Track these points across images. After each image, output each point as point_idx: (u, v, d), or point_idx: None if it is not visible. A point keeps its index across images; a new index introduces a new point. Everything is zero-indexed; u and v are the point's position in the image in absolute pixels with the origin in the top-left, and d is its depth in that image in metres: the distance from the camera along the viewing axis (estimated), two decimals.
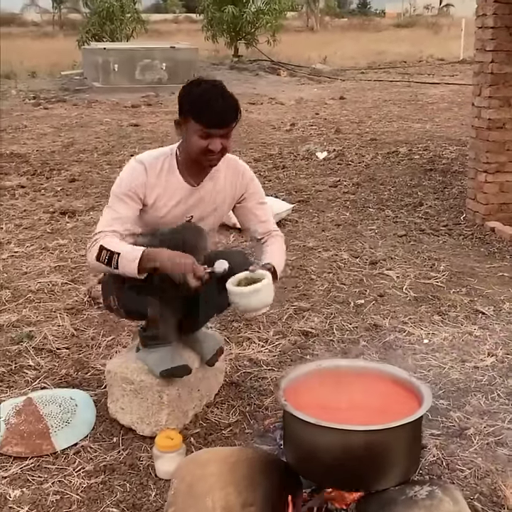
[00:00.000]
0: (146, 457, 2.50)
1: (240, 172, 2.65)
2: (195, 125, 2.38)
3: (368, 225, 5.22)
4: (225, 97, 2.39)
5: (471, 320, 3.59)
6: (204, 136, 2.38)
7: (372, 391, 2.12)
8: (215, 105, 2.35)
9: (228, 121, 2.40)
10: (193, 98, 2.38)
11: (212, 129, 2.37)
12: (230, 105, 2.40)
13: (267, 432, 2.62)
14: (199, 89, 2.39)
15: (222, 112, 2.37)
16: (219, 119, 2.37)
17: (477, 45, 4.98)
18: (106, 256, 2.37)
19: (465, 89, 13.99)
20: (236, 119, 2.43)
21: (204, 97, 2.37)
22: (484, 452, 2.50)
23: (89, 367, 3.14)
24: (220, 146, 2.41)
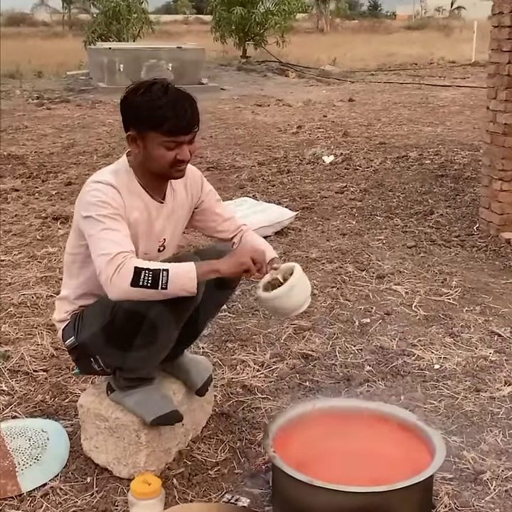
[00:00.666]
0: (122, 501, 2.22)
1: (194, 175, 2.40)
2: (157, 137, 2.10)
3: (376, 234, 4.93)
4: (182, 98, 2.11)
5: (486, 342, 3.30)
6: (171, 147, 2.12)
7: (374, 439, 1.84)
8: (176, 109, 2.07)
9: (194, 124, 2.14)
10: (147, 107, 2.08)
11: (178, 136, 2.11)
12: (192, 105, 2.13)
13: (259, 473, 2.34)
14: (151, 96, 2.08)
15: (185, 115, 2.10)
16: (184, 124, 2.11)
17: (493, 45, 4.69)
18: (148, 277, 1.98)
19: (477, 92, 13.69)
20: (199, 119, 2.17)
21: (160, 104, 2.07)
22: (503, 502, 2.21)
23: (67, 392, 2.87)
24: (189, 154, 2.17)
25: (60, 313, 2.36)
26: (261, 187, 6.30)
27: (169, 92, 2.09)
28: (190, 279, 2.02)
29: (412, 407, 2.72)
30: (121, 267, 2.00)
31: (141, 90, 2.11)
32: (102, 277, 2.04)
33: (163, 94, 2.08)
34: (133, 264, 2.00)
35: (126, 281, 1.99)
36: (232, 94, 14.00)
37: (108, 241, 2.06)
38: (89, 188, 2.16)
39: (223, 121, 10.52)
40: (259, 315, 3.58)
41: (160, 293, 2.01)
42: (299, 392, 2.86)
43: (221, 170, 7.06)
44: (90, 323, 2.25)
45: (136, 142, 2.15)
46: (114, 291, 2.03)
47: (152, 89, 2.09)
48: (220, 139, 8.99)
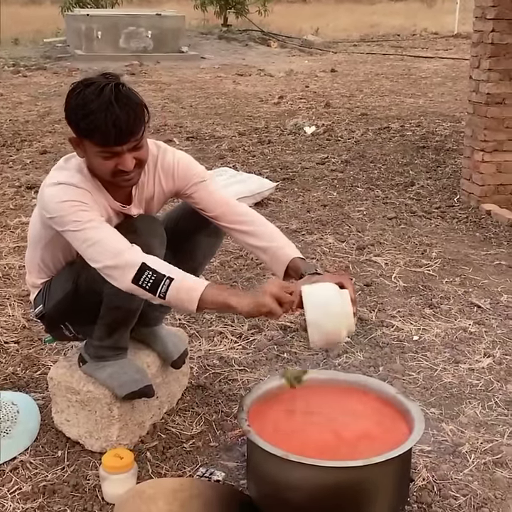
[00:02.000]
0: (94, 476, 2.17)
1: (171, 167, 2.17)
2: (91, 146, 1.90)
3: (356, 205, 4.87)
4: (119, 102, 1.85)
5: (466, 314, 3.27)
6: (108, 157, 1.91)
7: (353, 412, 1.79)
8: (107, 116, 1.83)
9: (132, 132, 1.89)
10: (78, 113, 1.87)
11: (112, 147, 1.89)
12: (130, 110, 1.86)
13: (235, 446, 2.30)
14: (83, 99, 1.86)
15: (118, 124, 1.84)
16: (116, 134, 1.86)
17: (476, 13, 4.60)
18: (150, 279, 1.85)
19: (459, 64, 13.60)
20: (143, 123, 1.92)
21: (91, 109, 1.84)
22: (481, 474, 2.18)
23: (39, 364, 2.80)
24: (133, 163, 1.94)
25: (30, 279, 2.29)
26: (241, 157, 6.19)
27: (103, 94, 1.85)
28: (191, 299, 1.85)
29: (391, 378, 2.69)
30: (129, 256, 1.89)
31: (76, 91, 1.89)
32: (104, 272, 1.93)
33: (95, 98, 1.85)
34: (141, 259, 1.88)
35: (129, 274, 1.87)
36: (212, 63, 13.77)
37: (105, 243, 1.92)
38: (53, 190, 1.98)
39: (204, 90, 10.34)
40: (237, 286, 3.52)
41: (157, 299, 1.89)
42: (277, 364, 2.81)
43: (201, 140, 6.93)
44: (56, 291, 2.19)
45: (78, 146, 1.97)
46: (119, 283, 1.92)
47: (86, 92, 1.87)
48: (201, 108, 8.83)
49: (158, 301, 1.90)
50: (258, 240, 2.22)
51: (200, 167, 2.27)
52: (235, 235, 2.25)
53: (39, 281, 2.26)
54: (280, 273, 2.20)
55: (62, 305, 2.18)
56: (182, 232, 2.29)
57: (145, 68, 12.83)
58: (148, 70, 12.57)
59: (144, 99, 1.98)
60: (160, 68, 12.95)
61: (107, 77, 1.94)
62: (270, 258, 2.21)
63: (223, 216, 2.22)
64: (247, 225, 2.23)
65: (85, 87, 1.89)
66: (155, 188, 2.19)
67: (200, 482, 1.88)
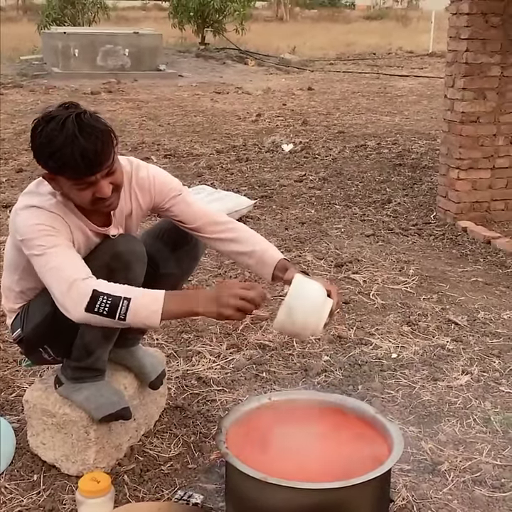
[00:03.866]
0: (70, 500, 2.13)
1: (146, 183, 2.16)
2: (65, 181, 1.89)
3: (334, 223, 4.89)
4: (83, 133, 1.81)
5: (443, 331, 3.29)
6: (84, 188, 1.89)
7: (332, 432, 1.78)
8: (75, 149, 1.80)
9: (102, 161, 1.86)
10: (45, 151, 1.84)
11: (84, 178, 1.87)
12: (95, 139, 1.83)
13: (214, 468, 2.27)
14: (46, 137, 1.83)
15: (88, 155, 1.81)
16: (89, 165, 1.83)
17: (451, 33, 4.67)
18: (106, 303, 1.82)
19: (434, 82, 13.79)
20: (111, 149, 1.88)
21: (56, 146, 1.81)
22: (460, 493, 2.18)
23: (14, 386, 2.76)
24: (110, 188, 1.92)
25: (7, 304, 2.25)
26: (219, 175, 6.20)
27: (66, 128, 1.81)
28: (154, 313, 1.82)
29: (370, 397, 2.69)
30: (78, 288, 1.85)
31: (38, 129, 1.85)
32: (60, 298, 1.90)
33: (59, 133, 1.81)
34: (91, 287, 1.84)
35: (81, 305, 1.84)
36: (190, 81, 13.82)
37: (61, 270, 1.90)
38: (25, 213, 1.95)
39: (182, 108, 10.36)
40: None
41: (118, 323, 1.85)
42: (256, 384, 2.80)
43: (179, 157, 6.93)
44: (34, 314, 2.15)
45: (54, 182, 1.94)
46: (69, 313, 1.89)
47: (48, 128, 1.83)
48: (178, 126, 8.84)
49: (118, 324, 1.87)
50: (242, 246, 2.22)
51: (176, 180, 2.27)
52: (218, 245, 2.26)
53: (16, 306, 2.22)
54: (268, 276, 2.21)
55: (41, 328, 2.14)
56: (162, 249, 2.27)
57: (122, 86, 12.83)
58: (125, 88, 12.58)
59: (109, 123, 1.95)
60: (137, 86, 12.97)
61: (67, 107, 1.90)
62: (256, 262, 2.22)
63: (204, 227, 2.22)
64: (229, 232, 2.23)
65: (47, 123, 1.84)
66: (132, 204, 2.18)
67: (178, 506, 1.86)
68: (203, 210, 2.26)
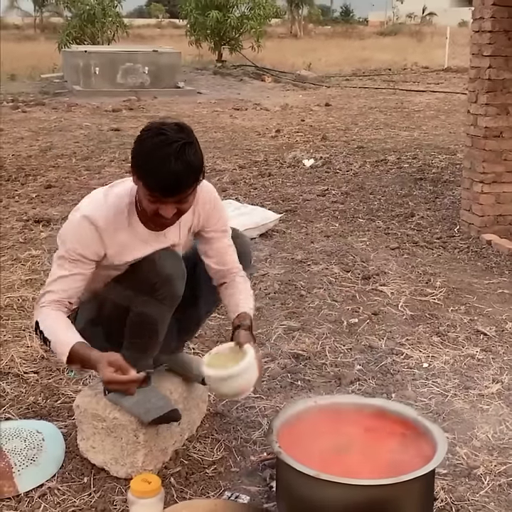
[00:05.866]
0: (121, 501, 2.22)
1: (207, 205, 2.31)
2: (142, 187, 2.04)
3: (359, 236, 4.98)
4: (179, 158, 1.95)
5: (473, 341, 3.36)
6: (152, 201, 2.04)
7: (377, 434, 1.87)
8: (163, 170, 1.94)
9: (180, 189, 2.00)
10: (142, 155, 2.00)
11: (159, 196, 2.01)
12: (185, 169, 1.96)
13: (256, 471, 2.36)
14: (150, 145, 1.97)
15: (171, 179, 1.96)
16: (167, 187, 1.98)
17: (473, 50, 4.77)
18: (40, 336, 2.16)
19: (451, 97, 13.90)
20: (193, 183, 2.02)
21: (152, 157, 1.96)
22: (497, 495, 2.25)
23: (59, 394, 2.86)
24: (173, 212, 2.06)
25: None
26: (243, 190, 6.32)
27: (169, 148, 1.95)
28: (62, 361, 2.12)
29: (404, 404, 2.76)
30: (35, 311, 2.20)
31: (150, 133, 2.00)
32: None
33: (163, 146, 1.95)
34: (36, 318, 2.16)
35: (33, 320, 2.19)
36: (209, 98, 14.01)
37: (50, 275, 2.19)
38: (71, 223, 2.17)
39: (202, 124, 10.52)
40: None
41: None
42: (292, 391, 2.88)
43: None
44: (80, 321, 2.27)
45: (135, 180, 2.09)
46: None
47: (158, 138, 1.97)
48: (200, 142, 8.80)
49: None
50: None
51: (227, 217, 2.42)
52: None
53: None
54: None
55: (86, 334, 2.23)
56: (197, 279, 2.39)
57: (143, 103, 13.04)
58: (145, 105, 12.78)
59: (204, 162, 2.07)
60: (157, 103, 13.17)
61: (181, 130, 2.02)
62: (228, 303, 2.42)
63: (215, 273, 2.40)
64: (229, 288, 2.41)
65: (156, 136, 1.97)
66: (193, 220, 2.30)
67: (233, 503, 1.94)
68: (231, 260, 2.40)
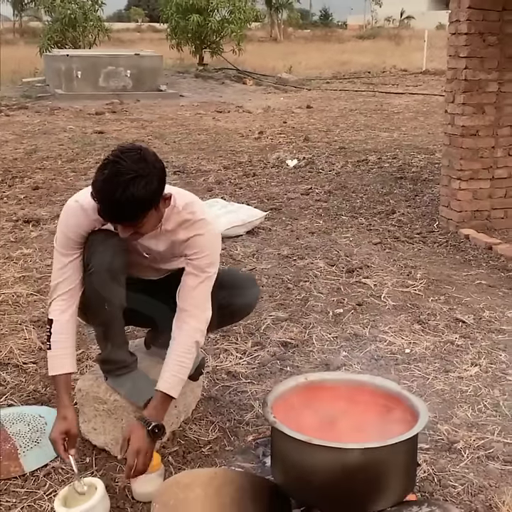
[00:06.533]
0: (122, 478, 2.34)
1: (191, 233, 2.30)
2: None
3: (342, 232, 5.14)
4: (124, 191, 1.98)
5: (452, 329, 3.52)
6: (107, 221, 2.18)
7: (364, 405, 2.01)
8: (108, 199, 2.02)
9: (123, 218, 2.08)
10: (97, 182, 2.05)
11: (105, 219, 2.15)
12: (128, 201, 1.99)
13: (249, 449, 2.49)
14: (105, 173, 2.03)
15: (114, 209, 2.04)
16: (111, 216, 2.09)
17: (450, 52, 4.95)
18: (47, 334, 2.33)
19: (429, 99, 14.14)
20: (138, 214, 2.06)
21: (102, 187, 2.03)
22: (475, 467, 2.40)
23: None
24: (127, 234, 2.14)
25: None
26: (228, 189, 6.46)
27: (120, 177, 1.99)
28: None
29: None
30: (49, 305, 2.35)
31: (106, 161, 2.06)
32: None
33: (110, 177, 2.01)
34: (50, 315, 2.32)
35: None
36: (191, 101, 14.14)
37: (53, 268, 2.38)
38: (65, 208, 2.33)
39: (185, 127, 10.64)
40: None
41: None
42: (281, 377, 3.01)
43: (188, 174, 7.19)
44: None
45: None
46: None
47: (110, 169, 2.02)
48: (184, 144, 9.11)
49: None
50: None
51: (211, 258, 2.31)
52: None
53: None
54: None
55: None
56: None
57: (125, 106, 13.13)
58: (128, 108, 12.87)
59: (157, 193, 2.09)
60: (140, 106, 13.27)
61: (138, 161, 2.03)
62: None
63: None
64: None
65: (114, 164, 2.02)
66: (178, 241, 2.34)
67: (232, 471, 2.08)
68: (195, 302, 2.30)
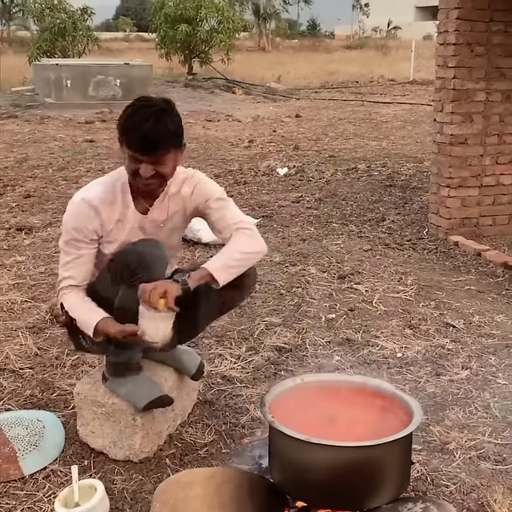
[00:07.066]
0: (121, 480, 2.38)
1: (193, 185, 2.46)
2: (126, 148, 2.23)
3: (333, 239, 5.19)
4: (157, 120, 2.17)
5: (443, 333, 3.58)
6: (133, 160, 2.23)
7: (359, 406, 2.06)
8: (141, 128, 2.15)
9: (155, 147, 2.19)
10: (125, 117, 2.22)
11: (137, 153, 2.21)
12: (161, 130, 2.18)
13: (245, 451, 2.53)
14: (133, 108, 2.22)
15: (148, 137, 2.16)
16: (143, 144, 2.18)
17: (439, 62, 5.03)
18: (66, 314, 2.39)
19: (417, 109, 14.28)
20: (168, 146, 2.22)
21: (133, 118, 2.19)
22: (467, 467, 2.45)
23: (54, 387, 3.00)
24: (151, 173, 2.24)
25: None
26: None
27: (148, 110, 2.18)
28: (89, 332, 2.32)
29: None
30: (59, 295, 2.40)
31: (133, 102, 2.25)
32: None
33: (140, 111, 2.19)
34: (61, 300, 2.38)
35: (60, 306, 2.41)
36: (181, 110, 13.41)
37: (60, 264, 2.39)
38: (70, 206, 2.36)
39: None
40: (231, 313, 3.77)
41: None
42: (276, 381, 3.05)
43: None
44: None
45: (121, 146, 2.27)
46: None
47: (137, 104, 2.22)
48: None
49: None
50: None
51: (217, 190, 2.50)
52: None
53: None
54: None
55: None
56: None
57: (115, 115, 13.04)
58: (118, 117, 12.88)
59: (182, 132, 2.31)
60: None
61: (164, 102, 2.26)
62: None
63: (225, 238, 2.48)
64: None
65: (141, 101, 2.24)
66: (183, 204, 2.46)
67: (230, 469, 2.11)
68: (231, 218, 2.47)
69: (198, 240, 4.97)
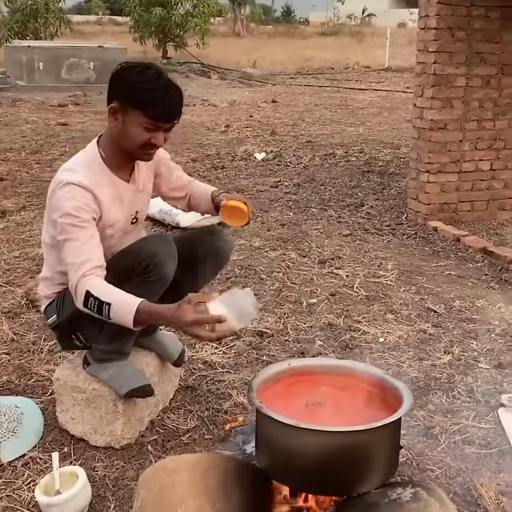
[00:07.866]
0: (102, 467, 2.33)
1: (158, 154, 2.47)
2: (139, 116, 2.15)
3: (313, 224, 5.16)
4: (173, 88, 2.17)
5: (424, 318, 3.57)
6: (149, 129, 2.17)
7: (347, 390, 2.03)
8: (165, 96, 2.12)
9: (178, 115, 2.21)
10: (140, 86, 2.12)
11: (161, 122, 2.16)
12: (179, 97, 2.19)
13: (228, 437, 2.49)
14: (145, 77, 2.13)
15: (172, 104, 2.15)
16: (169, 112, 2.15)
17: (419, 46, 5.00)
18: (95, 304, 2.09)
19: (392, 96, 14.28)
20: (182, 112, 2.25)
21: (153, 86, 2.12)
22: (452, 451, 2.44)
23: (31, 373, 2.93)
24: (165, 141, 2.23)
25: (43, 290, 2.44)
26: None
27: (162, 78, 2.16)
28: (128, 320, 2.06)
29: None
30: (79, 285, 2.11)
31: (137, 69, 2.15)
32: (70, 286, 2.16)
33: (156, 79, 2.14)
34: (85, 288, 2.09)
35: (80, 300, 2.12)
36: None
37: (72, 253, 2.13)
38: (60, 192, 2.16)
39: None
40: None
41: (107, 319, 2.11)
42: (258, 366, 3.02)
43: None
44: (70, 302, 2.30)
45: (116, 115, 2.18)
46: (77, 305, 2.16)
47: (147, 72, 2.15)
48: None
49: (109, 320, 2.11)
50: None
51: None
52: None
53: (51, 292, 2.41)
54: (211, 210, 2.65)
55: (77, 315, 2.28)
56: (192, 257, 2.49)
57: (89, 99, 12.97)
58: (92, 101, 12.72)
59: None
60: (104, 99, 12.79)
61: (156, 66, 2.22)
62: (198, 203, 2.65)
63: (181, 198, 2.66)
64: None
65: (146, 69, 2.16)
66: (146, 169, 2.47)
67: (216, 455, 2.07)
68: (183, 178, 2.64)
69: (176, 225, 4.90)
